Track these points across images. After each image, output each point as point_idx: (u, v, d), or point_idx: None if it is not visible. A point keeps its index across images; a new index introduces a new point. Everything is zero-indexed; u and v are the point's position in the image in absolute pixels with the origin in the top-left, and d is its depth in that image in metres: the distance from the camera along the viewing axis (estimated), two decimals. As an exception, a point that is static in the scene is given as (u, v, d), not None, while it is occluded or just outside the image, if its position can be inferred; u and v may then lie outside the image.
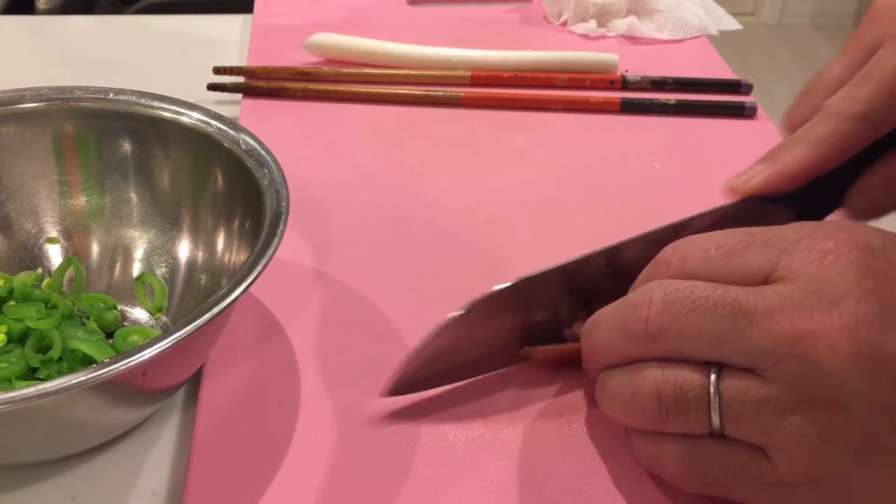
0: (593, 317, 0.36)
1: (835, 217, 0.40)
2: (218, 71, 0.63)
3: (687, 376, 0.32)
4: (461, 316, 0.36)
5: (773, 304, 0.30)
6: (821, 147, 0.37)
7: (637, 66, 0.66)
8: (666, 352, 0.32)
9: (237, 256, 0.41)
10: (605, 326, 0.35)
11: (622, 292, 0.35)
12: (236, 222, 0.42)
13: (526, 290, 0.37)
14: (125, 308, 0.44)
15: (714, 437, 0.32)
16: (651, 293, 0.33)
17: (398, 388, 0.38)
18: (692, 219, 0.38)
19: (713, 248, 0.33)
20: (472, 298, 0.36)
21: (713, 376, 0.31)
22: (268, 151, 0.41)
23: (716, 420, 0.31)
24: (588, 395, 0.39)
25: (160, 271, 0.44)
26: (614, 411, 0.34)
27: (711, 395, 0.31)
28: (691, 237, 0.35)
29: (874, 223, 0.36)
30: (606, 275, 0.38)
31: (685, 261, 0.34)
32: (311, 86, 0.62)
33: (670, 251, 0.34)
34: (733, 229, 0.34)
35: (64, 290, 0.44)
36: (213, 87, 0.62)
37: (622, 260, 0.38)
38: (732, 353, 0.31)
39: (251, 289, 0.33)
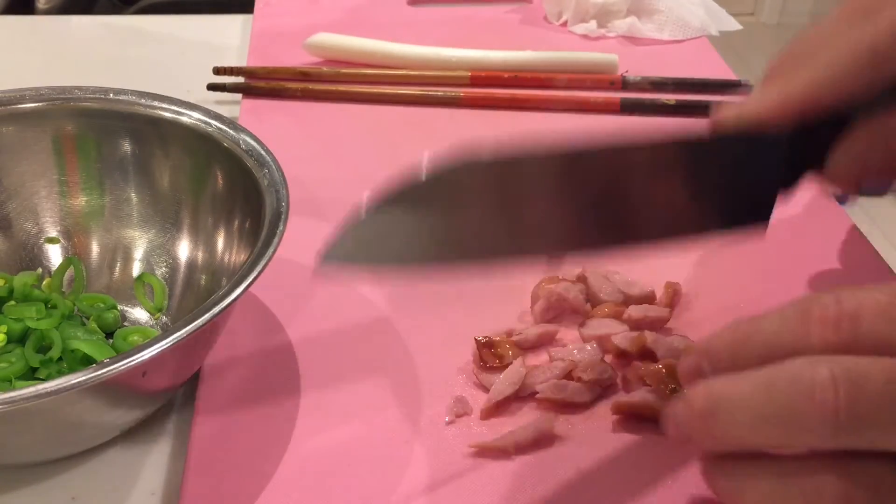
0: (709, 394, 0.27)
1: (812, 183, 0.35)
2: (218, 71, 0.63)
3: (885, 479, 0.25)
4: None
5: None
6: (831, 71, 0.32)
7: (637, 66, 0.66)
8: (850, 446, 0.26)
9: (237, 256, 0.41)
10: (745, 409, 0.26)
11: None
12: (236, 222, 0.42)
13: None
14: (125, 308, 0.44)
15: None
16: (818, 369, 0.25)
17: (335, 254, 0.30)
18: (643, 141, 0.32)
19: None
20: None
21: None
22: (268, 151, 0.41)
23: None
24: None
25: (160, 271, 0.44)
26: None
27: None
28: (860, 289, 0.27)
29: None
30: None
31: (859, 315, 0.26)
32: (311, 86, 0.62)
33: (832, 301, 0.27)
34: None
35: (64, 290, 0.44)
36: (213, 87, 0.62)
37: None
38: None
39: (251, 289, 0.34)
